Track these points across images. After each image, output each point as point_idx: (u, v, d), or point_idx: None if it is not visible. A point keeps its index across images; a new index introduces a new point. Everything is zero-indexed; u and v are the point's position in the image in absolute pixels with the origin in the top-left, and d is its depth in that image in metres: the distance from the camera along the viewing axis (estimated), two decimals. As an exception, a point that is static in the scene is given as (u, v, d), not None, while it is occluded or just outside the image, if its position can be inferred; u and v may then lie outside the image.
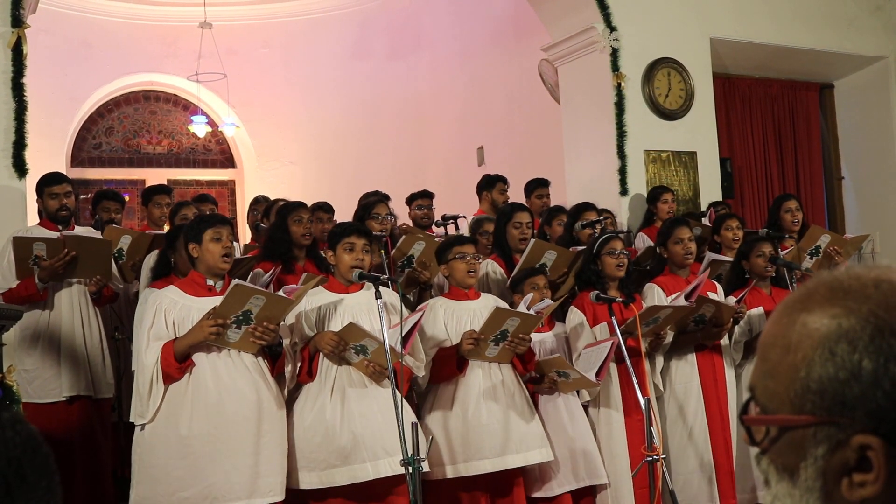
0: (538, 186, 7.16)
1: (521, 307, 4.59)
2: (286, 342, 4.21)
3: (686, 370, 5.17)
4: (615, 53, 7.45)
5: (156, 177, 10.31)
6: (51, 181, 5.32)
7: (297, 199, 5.78)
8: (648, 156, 7.56)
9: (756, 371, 0.97)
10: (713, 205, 7.27)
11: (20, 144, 5.62)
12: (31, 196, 5.56)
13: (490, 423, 4.47)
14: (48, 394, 5.10)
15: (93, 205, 6.56)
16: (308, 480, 4.17)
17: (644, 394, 4.46)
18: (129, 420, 4.21)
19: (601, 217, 6.13)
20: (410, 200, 7.03)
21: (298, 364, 4.21)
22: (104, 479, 5.30)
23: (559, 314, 5.22)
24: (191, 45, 10.11)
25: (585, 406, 4.95)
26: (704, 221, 6.83)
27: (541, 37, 8.11)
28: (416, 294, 5.66)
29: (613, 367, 4.86)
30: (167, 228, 6.14)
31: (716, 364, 5.20)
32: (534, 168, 7.96)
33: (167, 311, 4.05)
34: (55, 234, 5.12)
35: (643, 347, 4.89)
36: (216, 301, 3.98)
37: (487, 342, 4.47)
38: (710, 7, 7.92)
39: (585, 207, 6.17)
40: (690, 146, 7.76)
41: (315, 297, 4.32)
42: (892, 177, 8.70)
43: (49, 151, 9.02)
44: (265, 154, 10.87)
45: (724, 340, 5.26)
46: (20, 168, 5.62)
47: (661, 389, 5.14)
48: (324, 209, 6.11)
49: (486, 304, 4.63)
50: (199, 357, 4.02)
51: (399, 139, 10.80)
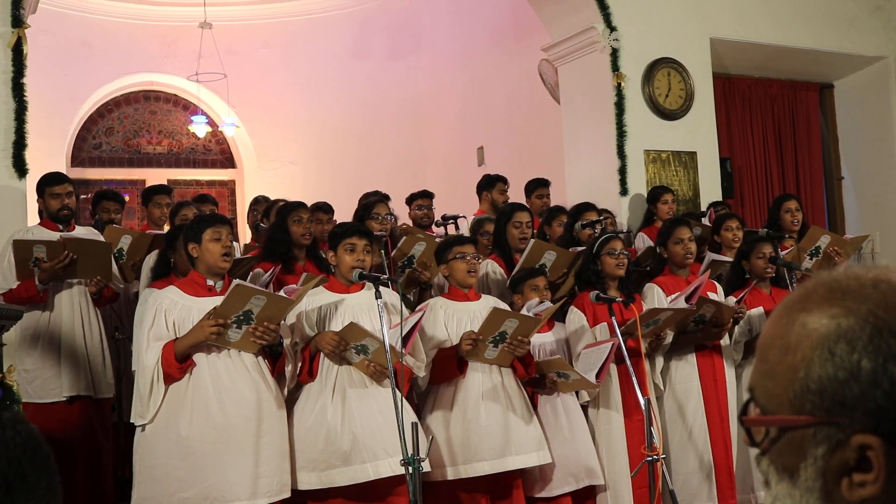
0: (538, 186, 7.17)
1: (525, 312, 4.58)
2: (286, 342, 4.21)
3: (686, 370, 5.17)
4: (615, 53, 7.45)
5: (156, 177, 10.31)
6: (52, 181, 5.32)
7: (297, 199, 5.78)
8: (648, 156, 7.56)
9: (755, 372, 0.97)
10: (713, 205, 7.26)
11: (20, 144, 5.62)
12: (32, 196, 5.56)
13: (489, 425, 4.47)
14: (48, 394, 5.10)
15: (93, 205, 6.56)
16: (308, 481, 4.17)
17: (644, 394, 4.46)
18: (130, 420, 4.21)
19: (601, 217, 6.13)
20: (410, 200, 7.02)
21: (299, 364, 4.20)
22: (105, 479, 5.30)
23: (559, 314, 5.22)
24: (191, 45, 10.11)
25: (585, 407, 4.95)
26: (704, 221, 6.83)
27: (541, 37, 8.11)
28: (417, 294, 5.66)
29: (613, 368, 4.86)
30: (167, 228, 6.14)
31: (716, 364, 5.20)
32: (534, 168, 7.96)
33: (167, 312, 4.05)
34: (55, 236, 5.12)
35: (643, 348, 4.89)
36: (216, 301, 3.98)
37: (486, 343, 4.46)
38: (710, 7, 7.92)
39: (585, 207, 6.16)
40: (690, 146, 7.76)
41: (316, 297, 4.32)
42: (892, 177, 8.70)
43: (49, 151, 9.02)
44: (265, 154, 10.87)
45: (725, 340, 5.26)
46: (20, 168, 5.62)
47: (662, 389, 5.14)
48: (323, 210, 6.11)
49: (487, 306, 4.60)
50: (199, 357, 4.02)
51: (399, 139, 10.80)
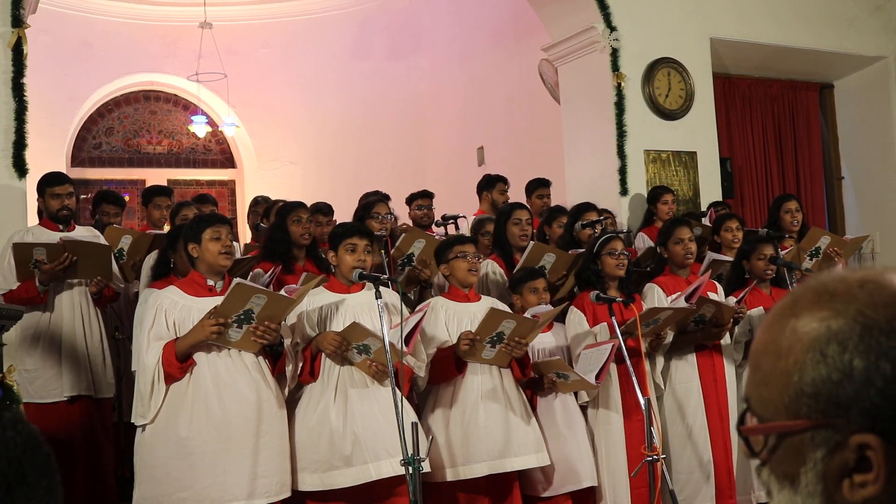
0: (539, 186, 7.17)
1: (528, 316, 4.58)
2: (287, 342, 4.21)
3: (686, 370, 5.17)
4: (615, 53, 7.45)
5: (156, 177, 10.31)
6: (52, 181, 5.32)
7: (297, 199, 5.78)
8: (648, 156, 7.56)
9: (750, 381, 0.97)
10: (713, 205, 7.27)
11: (20, 144, 5.62)
12: (32, 196, 5.56)
13: (488, 427, 4.46)
14: (49, 394, 5.10)
15: (93, 206, 6.55)
16: (310, 482, 4.16)
17: (644, 394, 4.46)
18: (130, 420, 4.21)
19: (601, 217, 6.13)
20: (410, 200, 7.02)
21: (300, 364, 4.20)
22: (105, 479, 5.30)
23: (559, 314, 5.21)
24: (191, 45, 10.11)
25: (584, 407, 4.95)
26: (704, 221, 6.83)
27: (541, 37, 8.11)
28: (417, 293, 5.66)
29: (613, 368, 4.85)
30: (167, 229, 6.14)
31: (716, 364, 5.20)
32: (534, 168, 7.96)
33: (167, 312, 4.05)
34: (55, 236, 5.12)
35: (643, 348, 4.89)
36: (216, 301, 3.98)
37: (483, 343, 4.45)
38: (710, 7, 7.92)
39: (585, 207, 6.16)
40: (690, 146, 7.76)
41: (316, 297, 4.32)
42: (892, 177, 8.70)
43: (49, 151, 9.02)
44: (265, 154, 10.87)
45: (725, 340, 5.26)
46: (20, 168, 5.62)
47: (663, 388, 5.13)
48: (322, 212, 6.09)
49: (487, 307, 4.58)
50: (200, 357, 4.02)
51: (399, 139, 10.79)
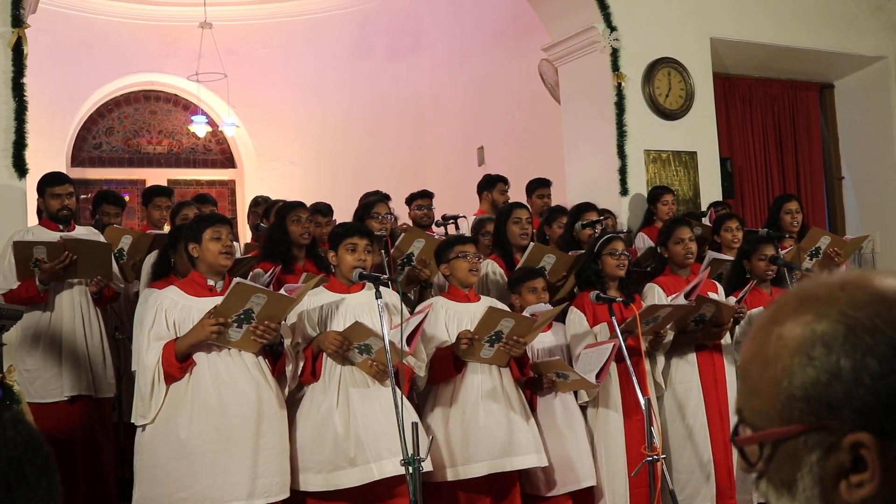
0: (539, 186, 7.17)
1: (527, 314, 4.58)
2: (287, 342, 4.20)
3: (686, 370, 5.16)
4: (615, 53, 7.45)
5: (156, 177, 10.31)
6: (52, 181, 5.32)
7: (297, 199, 5.78)
8: (649, 156, 7.56)
9: (740, 393, 0.98)
10: (713, 205, 7.26)
11: (20, 144, 5.62)
12: (32, 196, 5.56)
13: (488, 426, 4.46)
14: (49, 394, 5.10)
15: (93, 206, 6.55)
16: (314, 482, 4.15)
17: (644, 393, 4.46)
18: (130, 420, 4.20)
19: (601, 217, 6.13)
20: (410, 200, 7.02)
21: (301, 364, 4.20)
22: (106, 479, 5.29)
23: (559, 314, 5.21)
24: (191, 45, 10.11)
25: (584, 407, 4.95)
26: (704, 221, 6.82)
27: (541, 37, 8.10)
28: (417, 293, 5.66)
29: (613, 367, 4.85)
30: (167, 229, 6.13)
31: (716, 363, 5.20)
32: (534, 168, 7.96)
33: (168, 312, 4.04)
34: (55, 236, 5.12)
35: (643, 347, 4.89)
36: (217, 301, 3.98)
37: (482, 343, 4.45)
38: (711, 7, 7.92)
39: (586, 207, 6.16)
40: (691, 146, 7.76)
41: (316, 297, 4.31)
42: (892, 177, 8.70)
43: (49, 151, 9.02)
44: (265, 154, 10.87)
45: (725, 340, 5.26)
46: (20, 168, 5.62)
47: (663, 388, 5.13)
48: (322, 212, 6.09)
49: (486, 308, 4.59)
50: (200, 357, 4.02)
51: (399, 139, 10.79)
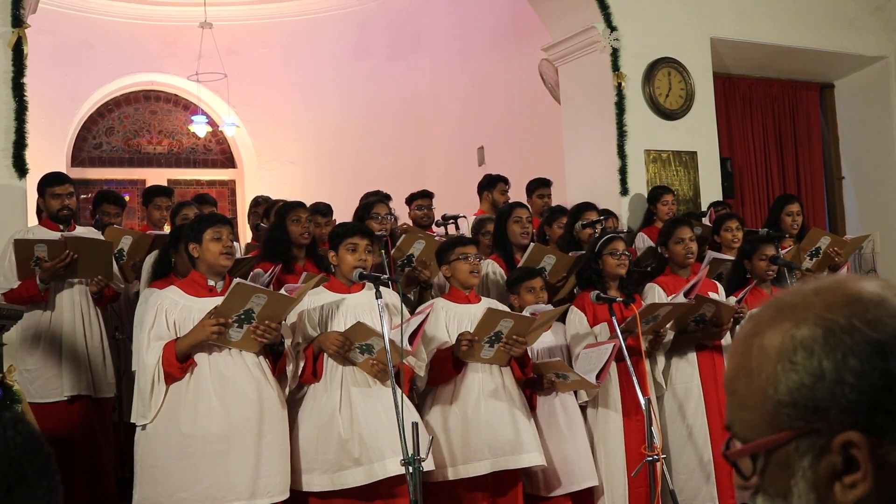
0: (540, 186, 7.17)
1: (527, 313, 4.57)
2: (288, 342, 4.20)
3: (686, 369, 5.16)
4: (615, 53, 7.45)
5: (156, 177, 10.31)
6: (53, 181, 5.32)
7: (297, 199, 5.78)
8: (649, 155, 7.56)
9: (728, 408, 0.99)
10: (713, 205, 7.26)
11: (20, 144, 5.62)
12: (32, 196, 5.56)
13: (489, 425, 4.46)
14: (49, 393, 5.10)
15: (94, 206, 6.55)
16: (319, 482, 4.15)
17: (644, 393, 4.46)
18: (130, 420, 4.20)
19: (601, 217, 6.14)
20: (410, 200, 7.02)
21: (301, 364, 4.20)
22: (105, 479, 5.29)
23: (559, 314, 5.21)
24: (191, 45, 10.11)
25: (584, 407, 4.95)
26: (705, 221, 6.82)
27: (541, 37, 8.10)
28: (417, 293, 5.66)
29: (613, 367, 4.85)
30: (167, 229, 6.13)
31: (716, 363, 5.20)
32: (534, 168, 7.96)
33: (168, 312, 4.04)
34: (56, 235, 5.12)
35: (643, 346, 4.88)
36: (217, 301, 3.98)
37: (482, 343, 4.45)
38: (711, 7, 7.92)
39: (586, 207, 6.17)
40: (691, 146, 7.76)
41: (317, 297, 4.31)
42: (892, 177, 8.70)
43: (49, 151, 9.02)
44: (265, 154, 10.87)
45: (725, 340, 5.26)
46: (20, 168, 5.62)
47: (664, 387, 5.13)
48: (321, 213, 6.09)
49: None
50: (201, 357, 4.02)
51: (399, 139, 10.79)
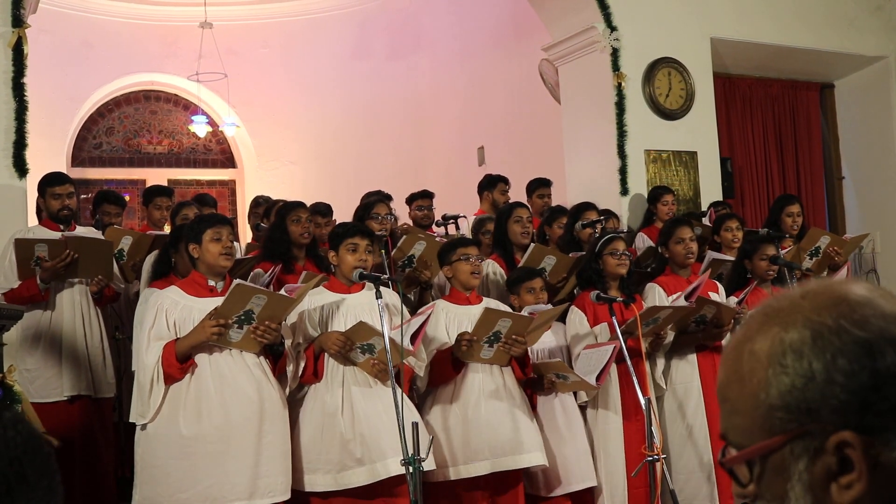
0: (540, 186, 7.17)
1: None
2: (288, 342, 4.20)
3: (686, 370, 5.16)
4: (616, 53, 7.45)
5: (156, 177, 10.31)
6: (53, 181, 5.32)
7: (297, 199, 5.78)
8: (649, 155, 7.56)
9: (722, 417, 1.00)
10: (714, 205, 7.26)
11: (20, 144, 5.62)
12: (32, 196, 5.56)
13: (490, 425, 4.46)
14: (49, 393, 5.10)
15: (94, 206, 6.55)
16: (322, 482, 4.15)
17: (644, 393, 4.46)
18: (129, 420, 4.20)
19: (601, 217, 6.14)
20: (411, 200, 7.02)
21: (302, 364, 4.20)
22: (105, 479, 5.29)
23: (559, 314, 5.20)
24: (191, 45, 10.11)
25: (583, 407, 4.95)
26: (704, 221, 6.82)
27: (541, 36, 8.10)
28: (417, 294, 5.66)
29: (613, 368, 4.85)
30: (168, 229, 6.13)
31: (716, 364, 5.19)
32: (534, 168, 7.96)
33: (168, 312, 4.04)
34: (57, 235, 5.12)
35: (644, 348, 4.88)
36: (217, 301, 3.98)
37: (481, 343, 4.45)
38: (711, 7, 7.92)
39: (586, 207, 6.17)
40: (691, 146, 7.75)
41: (317, 297, 4.31)
42: (893, 177, 8.69)
43: (49, 151, 9.02)
44: (265, 154, 10.87)
45: (726, 340, 5.25)
46: (20, 168, 5.62)
47: (664, 388, 5.13)
48: (321, 213, 6.08)
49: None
50: (201, 357, 4.02)
51: (399, 139, 10.79)
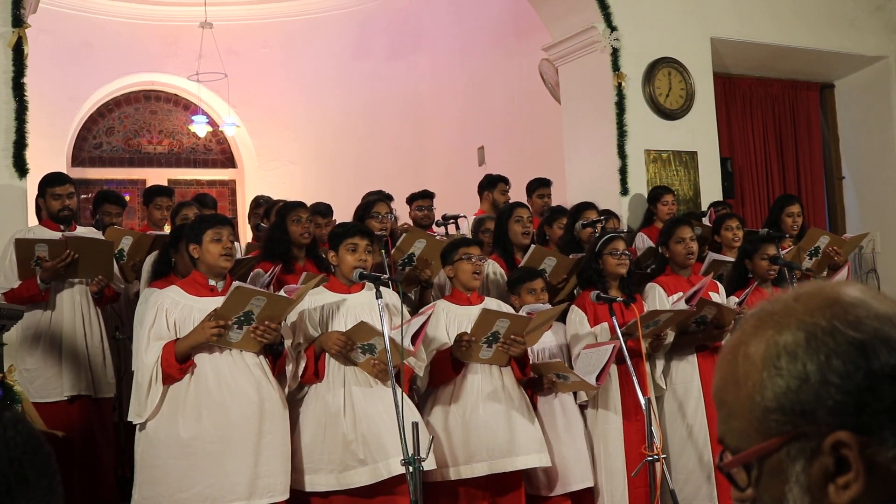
0: (540, 186, 7.17)
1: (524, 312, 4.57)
2: (288, 343, 4.20)
3: (686, 370, 5.16)
4: (616, 53, 7.44)
5: (156, 177, 10.30)
6: (53, 181, 5.32)
7: (297, 199, 5.78)
8: (649, 155, 7.56)
9: (719, 421, 1.00)
10: (714, 205, 7.26)
11: (21, 144, 5.62)
12: (32, 196, 5.56)
13: (490, 425, 4.46)
14: (49, 393, 5.10)
15: (94, 206, 6.54)
16: (325, 482, 4.15)
17: (644, 393, 4.46)
18: (128, 419, 4.21)
19: (601, 216, 6.14)
20: (411, 200, 7.02)
21: (302, 364, 4.20)
22: (105, 479, 5.29)
23: (559, 314, 5.20)
24: (191, 45, 10.11)
25: (583, 407, 4.95)
26: (705, 221, 6.82)
27: (541, 36, 8.10)
28: (417, 293, 5.66)
29: (613, 368, 4.85)
30: (168, 229, 6.13)
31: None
32: (534, 168, 7.96)
33: (168, 311, 4.05)
34: (57, 235, 5.12)
35: (644, 348, 4.88)
36: (218, 301, 3.98)
37: (479, 344, 4.45)
38: (711, 7, 7.92)
39: (586, 207, 6.17)
40: (691, 146, 7.75)
41: (317, 297, 4.31)
42: (893, 177, 8.69)
43: (50, 151, 9.02)
44: (265, 154, 10.87)
45: (726, 340, 5.24)
46: (21, 168, 5.62)
47: (664, 388, 5.13)
48: (321, 213, 6.08)
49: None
50: (201, 357, 4.02)
51: (399, 139, 10.79)
